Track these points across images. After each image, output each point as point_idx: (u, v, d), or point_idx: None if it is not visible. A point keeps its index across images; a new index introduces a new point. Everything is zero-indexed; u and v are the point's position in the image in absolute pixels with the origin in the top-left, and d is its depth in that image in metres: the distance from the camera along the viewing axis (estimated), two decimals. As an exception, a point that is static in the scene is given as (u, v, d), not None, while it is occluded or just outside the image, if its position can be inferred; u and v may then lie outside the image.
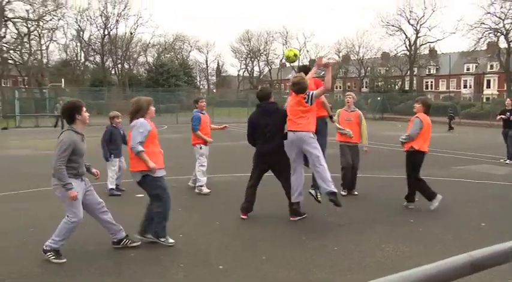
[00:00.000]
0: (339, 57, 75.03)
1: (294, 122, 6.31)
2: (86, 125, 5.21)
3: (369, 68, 71.07)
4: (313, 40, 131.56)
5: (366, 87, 71.78)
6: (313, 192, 6.86)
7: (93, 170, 5.35)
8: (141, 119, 5.20)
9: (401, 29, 60.87)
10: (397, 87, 63.97)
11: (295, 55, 7.06)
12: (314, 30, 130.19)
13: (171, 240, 5.35)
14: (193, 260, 4.93)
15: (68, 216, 4.91)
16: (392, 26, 60.86)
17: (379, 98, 47.46)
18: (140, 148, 5.07)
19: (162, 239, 5.33)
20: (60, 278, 4.49)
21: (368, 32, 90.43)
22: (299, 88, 6.26)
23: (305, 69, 7.05)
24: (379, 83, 63.66)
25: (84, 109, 5.12)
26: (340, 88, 79.25)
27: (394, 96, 51.55)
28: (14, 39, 51.29)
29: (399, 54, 63.88)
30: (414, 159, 7.22)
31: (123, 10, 60.38)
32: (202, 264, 4.81)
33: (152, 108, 5.42)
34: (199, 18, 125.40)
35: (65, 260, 4.88)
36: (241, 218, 6.61)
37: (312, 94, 6.24)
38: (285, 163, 6.57)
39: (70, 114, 5.00)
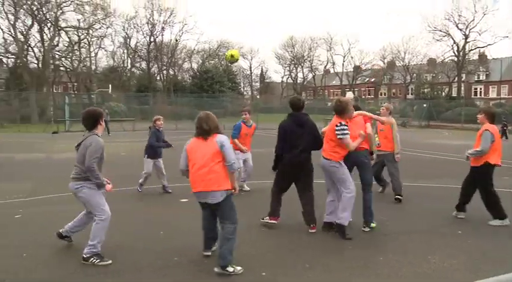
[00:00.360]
0: (384, 63, 73.94)
1: (324, 147, 6.23)
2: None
3: (414, 75, 69.65)
4: (358, 46, 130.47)
5: (411, 94, 70.37)
6: (367, 229, 6.47)
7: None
8: (225, 136, 4.96)
9: (449, 34, 59.29)
10: (443, 94, 62.37)
11: (231, 55, 7.12)
12: (358, 36, 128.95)
13: (238, 268, 4.79)
14: (236, 265, 4.92)
15: (96, 216, 5.11)
16: (440, 31, 59.43)
17: (425, 105, 46.44)
18: (238, 165, 4.88)
19: (231, 269, 4.73)
20: (99, 279, 4.59)
21: (414, 37, 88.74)
22: (338, 107, 6.04)
23: (356, 108, 6.73)
24: (425, 90, 62.26)
25: None
26: (384, 95, 78.04)
27: (440, 103, 50.34)
28: (65, 47, 53.52)
29: (446, 60, 62.26)
30: (487, 173, 6.81)
31: (168, 17, 61.68)
32: (245, 270, 4.80)
33: None
34: (243, 25, 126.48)
35: (110, 262, 4.99)
36: (271, 223, 6.54)
37: (343, 129, 5.88)
38: (310, 176, 6.49)
39: (95, 120, 5.18)
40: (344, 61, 79.72)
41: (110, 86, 48.15)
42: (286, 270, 4.85)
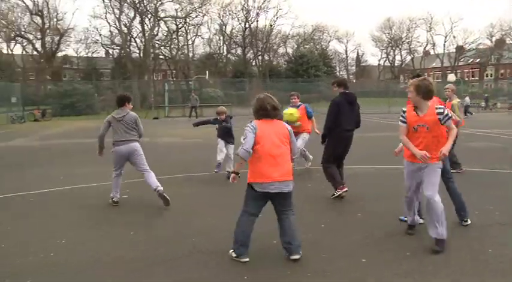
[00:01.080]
0: (491, 42, 68.90)
1: None
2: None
3: (527, 53, 64.26)
4: (461, 25, 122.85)
5: (523, 74, 65.12)
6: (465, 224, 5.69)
7: None
8: None
9: None
10: None
11: None
12: (462, 14, 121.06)
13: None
14: (336, 251, 4.82)
15: (147, 169, 7.02)
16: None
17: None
18: None
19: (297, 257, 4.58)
20: (203, 258, 4.70)
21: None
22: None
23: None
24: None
25: None
26: (491, 76, 72.96)
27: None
28: (164, 37, 55.95)
29: None
30: None
31: (263, 3, 62.19)
32: (345, 257, 4.69)
33: None
34: (338, 7, 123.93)
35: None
36: (344, 192, 7.00)
37: (400, 116, 4.97)
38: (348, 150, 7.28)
39: (123, 101, 7.18)
40: (445, 41, 75.80)
41: (207, 72, 49.57)
42: (386, 257, 4.64)
